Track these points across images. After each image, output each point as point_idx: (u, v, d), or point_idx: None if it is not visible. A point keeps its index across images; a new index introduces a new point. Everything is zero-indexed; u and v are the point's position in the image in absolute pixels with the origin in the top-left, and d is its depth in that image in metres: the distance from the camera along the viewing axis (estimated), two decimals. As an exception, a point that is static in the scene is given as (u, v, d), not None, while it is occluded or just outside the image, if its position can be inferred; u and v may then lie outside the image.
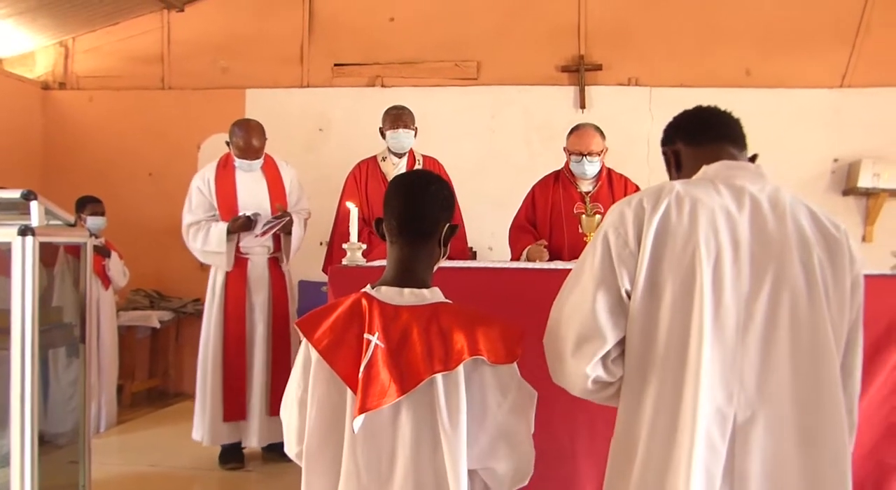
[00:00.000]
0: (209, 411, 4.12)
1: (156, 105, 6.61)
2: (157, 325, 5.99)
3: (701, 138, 1.70)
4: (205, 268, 4.46)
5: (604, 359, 1.55)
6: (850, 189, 6.03)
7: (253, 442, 4.17)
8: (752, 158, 1.72)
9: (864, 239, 6.03)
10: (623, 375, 1.58)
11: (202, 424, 4.16)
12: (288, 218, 4.25)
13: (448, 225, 1.72)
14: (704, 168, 1.62)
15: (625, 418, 1.57)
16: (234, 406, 4.13)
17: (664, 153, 1.80)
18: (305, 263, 5.33)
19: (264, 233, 4.19)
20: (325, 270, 4.16)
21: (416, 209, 1.68)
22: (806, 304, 1.48)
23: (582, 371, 1.55)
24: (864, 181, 5.88)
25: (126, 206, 6.21)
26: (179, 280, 6.36)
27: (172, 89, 6.64)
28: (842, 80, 6.16)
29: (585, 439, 2.56)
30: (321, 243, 5.50)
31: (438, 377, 1.52)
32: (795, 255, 1.49)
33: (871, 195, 6.01)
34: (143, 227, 6.32)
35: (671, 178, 1.77)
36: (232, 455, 4.21)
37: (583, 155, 3.72)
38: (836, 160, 6.14)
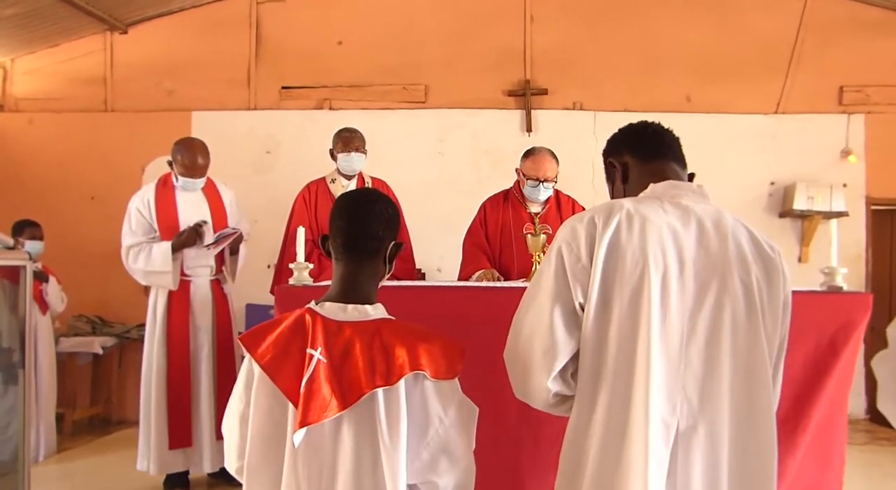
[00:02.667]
0: (154, 439, 4.01)
1: (98, 128, 6.50)
2: (100, 351, 5.83)
3: (650, 154, 1.74)
4: (149, 292, 4.35)
5: (563, 372, 1.58)
6: (786, 211, 6.26)
7: (204, 468, 4.09)
8: (690, 177, 1.78)
9: (799, 259, 6.25)
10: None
11: (147, 453, 4.03)
12: (239, 233, 4.21)
13: (393, 243, 1.74)
14: (652, 186, 1.67)
15: (575, 430, 1.60)
16: (179, 433, 4.03)
17: (609, 164, 1.82)
18: (253, 286, 5.28)
19: (216, 244, 4.13)
20: (272, 292, 4.12)
21: (360, 228, 1.69)
22: (744, 319, 1.54)
23: (543, 385, 1.58)
24: (798, 204, 6.11)
25: (68, 231, 6.07)
26: (122, 305, 6.21)
27: (116, 112, 6.55)
28: (777, 107, 6.42)
29: (530, 454, 2.58)
30: (269, 266, 5.44)
31: (379, 392, 1.53)
32: (736, 273, 1.55)
33: (805, 217, 6.24)
34: (86, 252, 6.17)
35: (613, 189, 1.82)
36: (177, 481, 4.11)
37: (539, 181, 3.77)
38: (772, 183, 6.37)
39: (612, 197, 1.81)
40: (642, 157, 1.75)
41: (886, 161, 6.33)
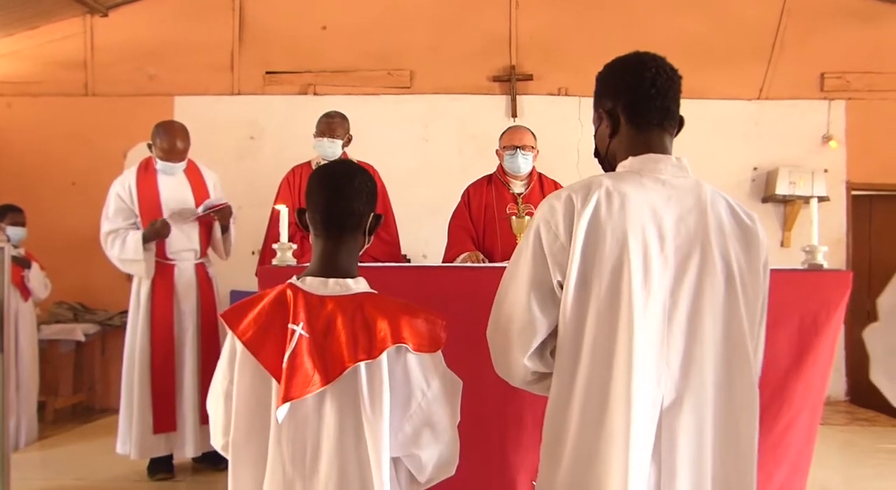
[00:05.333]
0: (137, 423, 3.97)
1: (79, 112, 6.42)
2: (82, 339, 5.79)
3: (644, 122, 1.65)
4: (132, 278, 4.33)
5: (541, 350, 1.59)
6: (768, 196, 6.31)
7: (188, 452, 4.06)
8: (680, 122, 1.71)
9: (782, 244, 6.31)
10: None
11: (129, 437, 4.01)
12: (227, 204, 4.18)
13: (373, 215, 1.73)
14: (631, 160, 1.64)
15: (555, 405, 1.60)
16: (164, 417, 4.01)
17: (599, 109, 1.73)
18: (237, 272, 5.26)
19: (205, 216, 4.11)
20: (258, 275, 4.11)
21: (341, 204, 1.67)
22: (724, 290, 1.55)
23: (520, 363, 1.58)
24: (781, 189, 6.17)
25: (48, 217, 6.00)
26: (105, 292, 6.17)
27: (97, 96, 6.47)
28: (759, 93, 6.47)
29: (515, 431, 2.60)
30: (253, 252, 5.43)
31: (361, 365, 1.52)
32: (715, 246, 1.56)
33: (787, 202, 6.30)
34: (67, 238, 6.10)
35: (597, 134, 1.75)
36: (161, 466, 4.09)
37: (516, 147, 3.79)
38: (755, 169, 6.43)
39: (596, 141, 1.76)
40: (635, 122, 1.66)
41: (866, 147, 6.40)
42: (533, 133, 3.90)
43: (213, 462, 4.14)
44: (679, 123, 1.72)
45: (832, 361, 2.71)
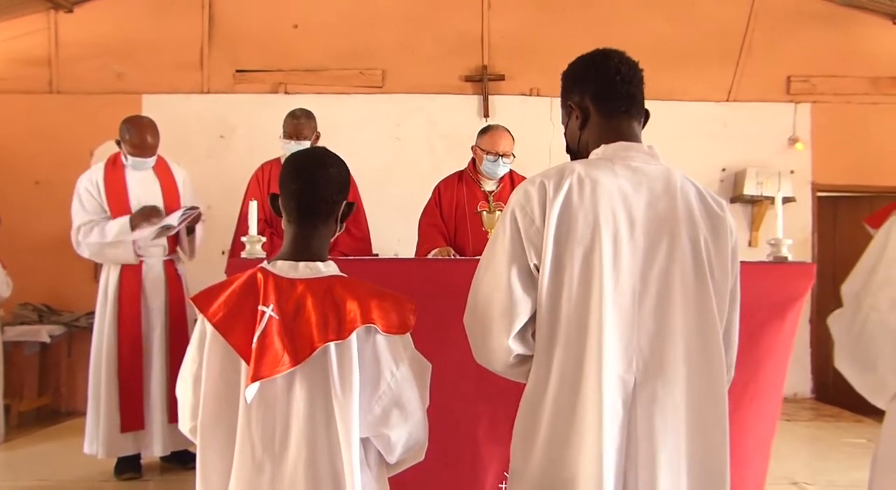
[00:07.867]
0: (104, 422, 3.91)
1: (43, 110, 6.30)
2: (47, 340, 5.67)
3: (613, 108, 1.70)
4: (99, 276, 4.25)
5: (523, 332, 1.60)
6: (736, 197, 6.40)
7: (156, 451, 4.01)
8: (646, 114, 1.76)
9: (749, 244, 6.40)
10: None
11: (96, 436, 3.94)
12: (199, 211, 4.13)
13: (345, 203, 1.74)
14: (604, 147, 1.67)
15: (532, 389, 1.62)
16: (131, 415, 3.95)
17: (568, 105, 1.76)
18: (207, 271, 5.14)
19: (180, 224, 4.05)
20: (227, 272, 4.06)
21: (316, 193, 1.67)
22: (693, 274, 1.58)
23: (504, 345, 1.59)
24: (749, 189, 6.27)
25: (13, 217, 5.85)
26: (71, 293, 6.06)
27: (62, 93, 6.36)
28: (728, 95, 6.56)
29: (487, 424, 2.60)
30: (223, 252, 5.36)
31: (331, 346, 1.53)
32: (684, 231, 1.59)
33: (755, 202, 6.40)
34: (31, 239, 6.00)
35: (567, 130, 1.79)
36: (128, 465, 4.02)
37: (499, 155, 3.78)
38: (723, 169, 6.53)
39: (567, 137, 1.80)
40: (604, 110, 1.71)
41: (831, 149, 6.53)
42: (511, 134, 3.89)
43: (181, 461, 4.09)
44: (645, 116, 1.77)
45: (791, 350, 2.75)
